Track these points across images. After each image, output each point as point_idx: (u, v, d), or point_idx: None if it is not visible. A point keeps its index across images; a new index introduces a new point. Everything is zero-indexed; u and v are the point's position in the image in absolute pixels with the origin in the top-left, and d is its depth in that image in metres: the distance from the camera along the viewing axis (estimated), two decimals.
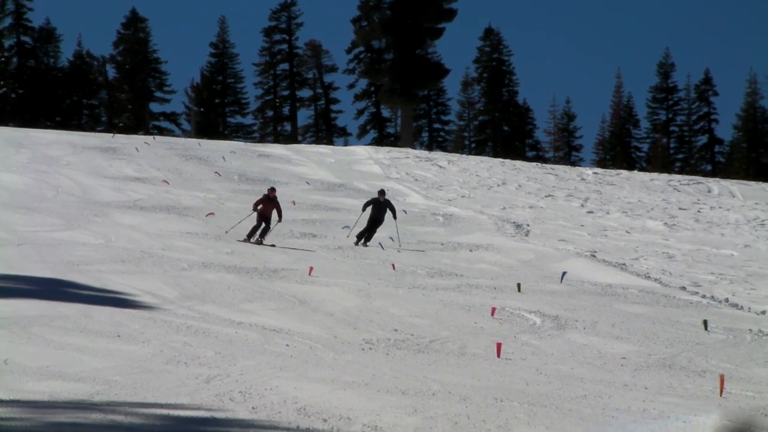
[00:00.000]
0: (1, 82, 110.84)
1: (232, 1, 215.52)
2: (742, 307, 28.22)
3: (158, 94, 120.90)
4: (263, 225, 34.46)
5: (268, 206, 34.84)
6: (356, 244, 35.80)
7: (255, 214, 35.11)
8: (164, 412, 11.15)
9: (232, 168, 57.80)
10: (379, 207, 36.65)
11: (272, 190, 36.20)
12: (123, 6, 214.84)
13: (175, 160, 59.23)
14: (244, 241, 33.76)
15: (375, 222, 36.48)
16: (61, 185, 43.40)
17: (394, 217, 36.84)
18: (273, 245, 33.30)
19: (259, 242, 33.93)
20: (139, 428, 10.35)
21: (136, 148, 61.90)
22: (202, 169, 56.50)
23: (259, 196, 36.28)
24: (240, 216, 38.57)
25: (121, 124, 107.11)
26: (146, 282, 23.89)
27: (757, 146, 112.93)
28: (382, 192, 38.21)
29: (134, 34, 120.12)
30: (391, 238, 36.63)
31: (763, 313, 25.63)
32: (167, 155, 61.05)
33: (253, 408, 11.79)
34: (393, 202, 38.57)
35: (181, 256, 28.55)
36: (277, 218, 34.86)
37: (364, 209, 37.30)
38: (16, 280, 22.29)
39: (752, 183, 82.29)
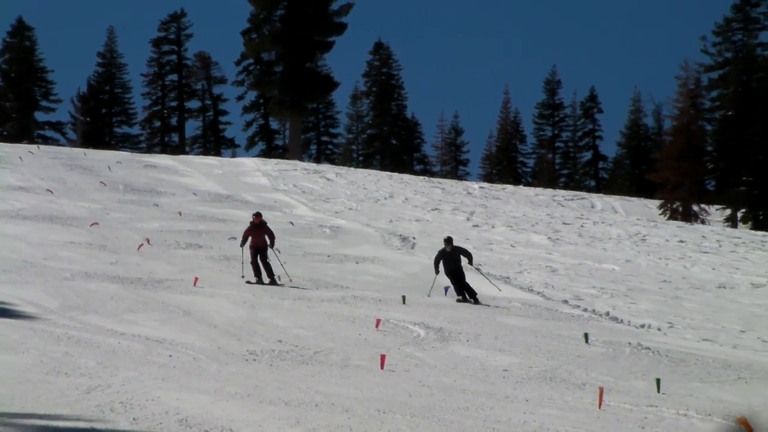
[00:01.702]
0: None
1: (121, 12, 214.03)
2: (622, 321, 28.58)
3: (44, 103, 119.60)
4: (258, 258, 30.01)
5: (257, 236, 30.41)
6: (460, 300, 29.75)
7: (247, 250, 30.45)
8: (43, 423, 11.05)
9: (117, 178, 57.35)
10: (451, 258, 30.67)
11: (257, 215, 31.44)
12: (9, 14, 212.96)
13: (60, 169, 58.63)
14: (255, 282, 29.54)
15: (456, 276, 30.40)
16: None
17: (470, 262, 31.21)
18: (281, 284, 29.58)
19: (272, 283, 29.43)
20: None
21: (20, 157, 61.15)
22: (88, 179, 55.98)
23: (246, 226, 31.59)
24: (127, 228, 38.33)
25: (5, 133, 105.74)
26: (27, 292, 23.56)
27: (639, 163, 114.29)
28: (449, 241, 31.23)
29: (20, 42, 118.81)
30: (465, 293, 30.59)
31: (643, 326, 25.94)
32: (52, 164, 60.41)
33: (134, 419, 11.71)
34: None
35: (64, 266, 28.26)
36: (271, 246, 30.44)
37: (436, 268, 30.57)
38: None
39: (634, 199, 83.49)
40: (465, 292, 30.06)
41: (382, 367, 18.32)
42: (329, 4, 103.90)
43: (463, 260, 30.99)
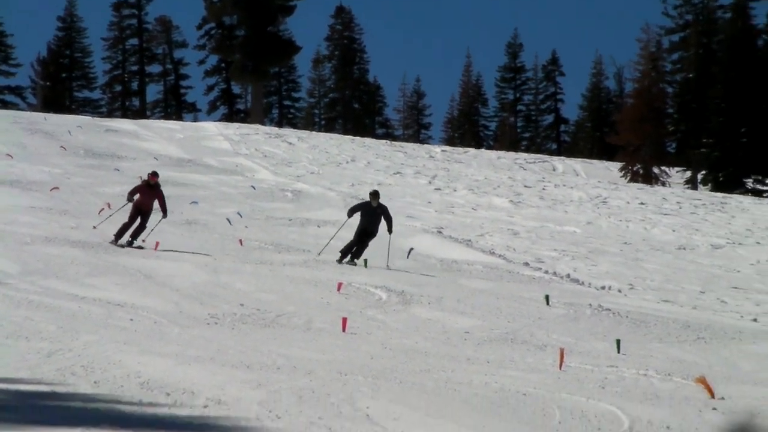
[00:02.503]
0: None
1: None
2: (583, 283, 28.68)
3: (3, 67, 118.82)
4: (139, 221, 28.00)
5: (147, 197, 28.28)
6: (340, 261, 27.71)
7: (130, 206, 28.38)
8: (4, 386, 11.00)
9: (78, 143, 57.15)
10: (372, 215, 28.44)
11: (154, 175, 29.30)
12: None
13: (20, 134, 58.37)
14: (112, 242, 27.35)
15: (365, 234, 28.28)
16: None
17: (389, 229, 28.62)
18: (141, 247, 27.59)
19: (130, 243, 27.60)
20: None
21: None
22: (48, 143, 55.76)
23: (136, 183, 30.14)
24: (88, 192, 38.19)
25: None
26: None
27: (601, 126, 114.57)
28: (375, 194, 29.22)
29: None
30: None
31: (603, 288, 26.05)
32: (11, 129, 60.11)
33: (95, 382, 11.68)
34: (385, 206, 29.40)
35: (25, 231, 28.12)
36: (162, 213, 28.75)
37: (350, 215, 29.11)
38: None
39: (596, 161, 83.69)
40: (355, 255, 28.06)
41: (344, 330, 18.33)
42: None
43: (383, 225, 28.62)
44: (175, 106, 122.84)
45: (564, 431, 10.77)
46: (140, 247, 27.56)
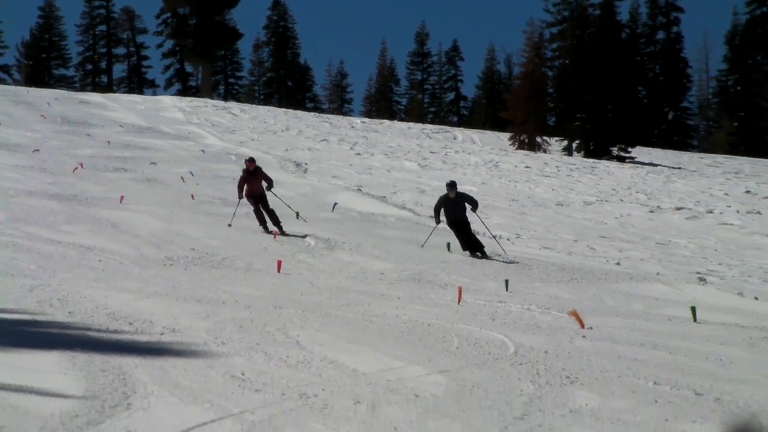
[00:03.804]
0: None
1: None
2: (477, 232, 28.77)
3: None
4: (262, 209, 25.17)
5: (253, 184, 25.30)
6: (471, 256, 23.71)
7: (246, 201, 25.49)
8: None
9: (55, 112, 56.60)
10: (453, 205, 24.23)
11: (250, 161, 25.76)
12: None
13: (6, 104, 57.80)
14: (263, 231, 24.69)
15: (459, 225, 24.13)
16: None
17: (474, 209, 24.57)
18: (287, 234, 24.60)
19: (282, 233, 24.39)
20: None
21: None
22: (30, 112, 55.17)
23: (239, 175, 26.13)
24: (63, 154, 37.86)
25: None
26: None
27: (494, 102, 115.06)
28: (452, 185, 24.56)
29: None
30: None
31: (495, 237, 26.10)
32: None
33: (69, 312, 11.59)
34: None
35: (10, 185, 27.91)
36: (268, 187, 25.45)
37: (437, 216, 24.61)
38: None
39: (489, 132, 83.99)
40: (471, 247, 23.87)
41: (278, 271, 18.31)
42: None
43: (468, 208, 24.47)
44: (137, 83, 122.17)
45: (461, 355, 10.80)
46: (284, 233, 24.47)
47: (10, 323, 10.61)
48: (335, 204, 31.06)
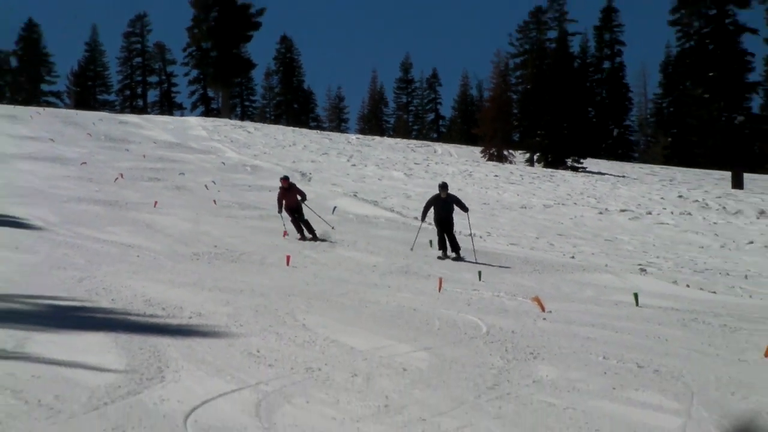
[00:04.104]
0: None
1: (100, 13, 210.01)
2: (456, 231, 28.73)
3: (47, 77, 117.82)
4: (297, 219, 24.22)
5: (290, 198, 24.34)
6: (441, 258, 22.20)
7: (285, 213, 24.54)
8: (49, 302, 10.91)
9: (99, 131, 56.42)
10: (443, 206, 22.76)
11: (284, 179, 24.95)
12: (22, 13, 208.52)
13: (59, 125, 57.69)
14: (300, 239, 23.62)
15: (443, 224, 22.68)
16: None
17: (464, 209, 23.32)
18: (323, 239, 23.84)
19: (314, 239, 23.70)
20: (31, 313, 10.11)
21: (31, 116, 60.40)
22: (78, 131, 55.03)
23: (277, 192, 25.44)
24: (106, 166, 37.83)
25: (20, 99, 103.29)
26: (36, 210, 23.39)
27: (467, 121, 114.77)
28: (443, 186, 23.11)
29: (29, 35, 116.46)
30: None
31: (469, 235, 26.06)
32: (53, 122, 59.50)
33: (112, 300, 11.59)
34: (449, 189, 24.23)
35: (62, 193, 28.02)
36: (303, 200, 24.35)
37: (424, 214, 23.36)
38: None
39: (464, 146, 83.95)
40: (447, 246, 22.58)
41: (287, 264, 18.29)
42: (249, 9, 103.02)
43: (457, 210, 23.16)
44: (168, 106, 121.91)
45: (442, 335, 10.81)
46: (321, 240, 23.65)
47: (62, 309, 10.60)
48: (335, 208, 31.01)
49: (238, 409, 6.83)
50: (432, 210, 22.96)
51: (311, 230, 24.08)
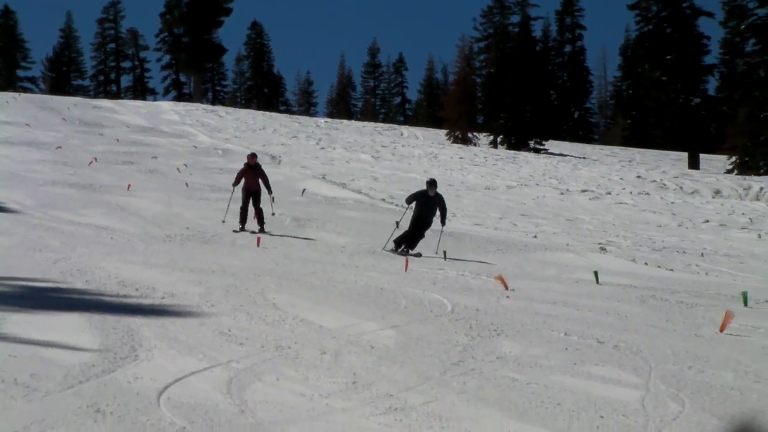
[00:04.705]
0: None
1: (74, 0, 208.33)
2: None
3: (23, 63, 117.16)
4: (252, 205, 21.56)
5: (251, 178, 21.76)
6: (395, 251, 19.57)
7: (239, 193, 21.98)
8: (25, 283, 10.88)
9: (74, 116, 55.94)
10: (428, 204, 20.01)
11: (252, 156, 22.42)
12: None
13: (34, 110, 57.16)
14: (239, 230, 20.76)
15: (420, 224, 20.01)
16: None
17: (442, 221, 20.20)
18: (269, 232, 21.09)
19: (262, 231, 20.87)
20: (7, 294, 10.07)
21: (7, 102, 59.82)
22: (53, 116, 54.58)
23: (230, 173, 23.11)
24: (81, 150, 37.56)
25: None
26: (12, 193, 23.39)
27: (433, 104, 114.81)
28: (432, 183, 20.24)
29: (6, 22, 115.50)
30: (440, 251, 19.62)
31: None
32: (28, 107, 59.00)
33: (86, 281, 11.55)
34: (440, 196, 20.63)
35: (38, 176, 27.90)
36: (268, 192, 21.79)
37: (408, 203, 20.68)
38: None
39: (430, 129, 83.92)
40: (409, 245, 19.84)
41: (258, 245, 18.29)
42: None
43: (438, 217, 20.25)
44: (141, 91, 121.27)
45: (408, 313, 10.85)
46: (265, 231, 20.95)
47: (38, 290, 10.57)
48: (304, 190, 30.98)
49: (210, 387, 6.83)
50: (414, 204, 20.20)
51: (261, 220, 21.41)
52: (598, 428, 6.33)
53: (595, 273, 16.31)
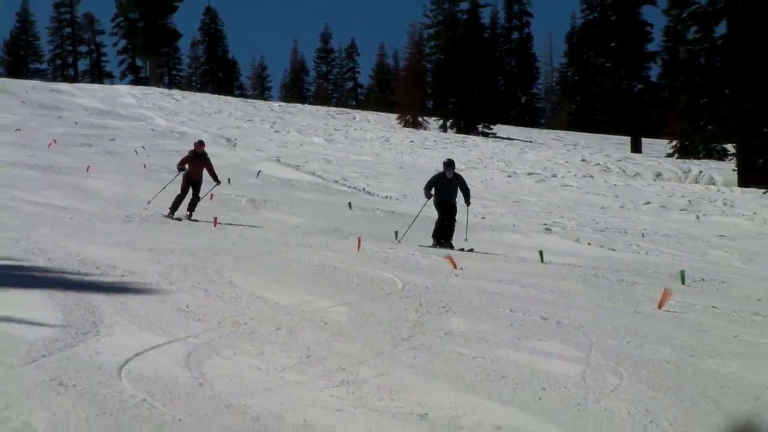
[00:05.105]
0: None
1: None
2: (373, 194, 28.88)
3: None
4: (190, 193, 20.36)
5: (196, 166, 20.53)
6: (434, 245, 18.23)
7: (180, 178, 20.73)
8: None
9: (32, 99, 55.34)
10: (447, 186, 18.77)
11: (200, 143, 21.35)
12: None
13: None
14: (168, 216, 19.62)
15: (446, 208, 18.65)
16: None
17: (466, 201, 19.02)
18: (196, 220, 19.76)
19: (189, 216, 19.81)
20: None
21: None
22: (11, 100, 53.90)
23: (183, 155, 21.99)
24: (40, 133, 37.16)
25: None
26: None
27: (384, 89, 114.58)
28: (449, 164, 19.02)
29: None
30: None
31: (387, 197, 26.24)
32: None
33: (48, 259, 11.48)
34: (461, 175, 20.07)
35: (1, 159, 27.51)
36: (213, 181, 20.94)
37: (427, 193, 18.89)
38: None
39: (381, 113, 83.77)
40: (447, 237, 18.55)
41: (215, 225, 18.29)
42: None
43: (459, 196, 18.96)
44: (98, 74, 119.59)
45: (360, 290, 10.91)
46: (192, 219, 19.76)
47: (0, 268, 10.50)
48: (259, 172, 30.94)
49: (169, 361, 6.87)
50: (434, 189, 18.83)
51: (193, 207, 20.29)
52: (541, 399, 6.45)
53: (540, 252, 16.48)
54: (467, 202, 19.03)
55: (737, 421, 5.89)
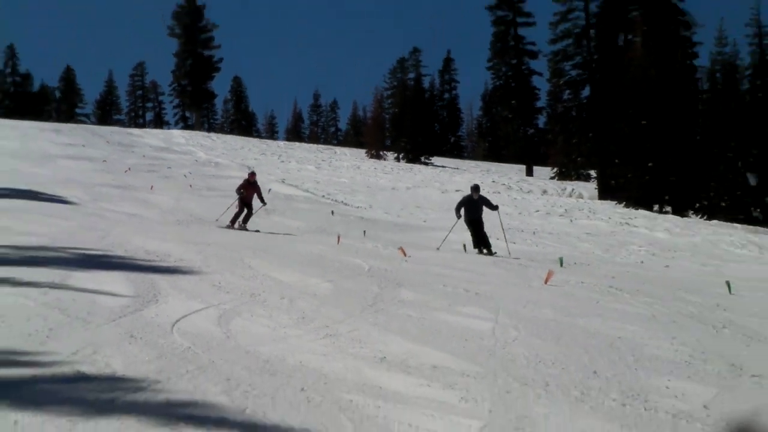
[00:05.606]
0: None
1: (115, 59, 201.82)
2: (349, 204, 28.84)
3: (80, 104, 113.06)
4: (245, 211, 19.11)
5: (249, 191, 19.32)
6: (480, 252, 16.54)
7: (237, 200, 19.47)
8: (82, 251, 10.65)
9: (114, 140, 54.04)
10: (475, 206, 16.92)
11: (252, 174, 19.95)
12: (62, 60, 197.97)
13: (88, 136, 55.42)
14: (228, 227, 18.34)
15: (475, 224, 16.79)
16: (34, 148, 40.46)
17: (494, 209, 17.31)
18: (257, 230, 18.43)
19: (242, 228, 18.64)
20: (71, 259, 9.87)
21: (69, 130, 58.20)
22: (100, 140, 52.95)
23: (240, 182, 20.61)
24: (119, 162, 36.81)
25: (62, 118, 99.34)
26: (72, 191, 22.90)
27: (357, 132, 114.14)
28: (476, 188, 17.23)
29: (68, 76, 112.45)
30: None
31: (358, 207, 26.17)
32: (83, 133, 56.87)
33: (125, 250, 11.36)
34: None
35: (90, 180, 27.36)
36: (260, 203, 19.65)
37: (458, 213, 17.04)
38: (6, 190, 20.69)
39: (355, 149, 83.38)
40: (481, 244, 16.67)
41: (233, 226, 18.16)
42: (212, 58, 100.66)
43: (486, 210, 17.22)
44: (159, 123, 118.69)
45: (339, 271, 10.91)
46: (246, 229, 18.51)
47: (91, 256, 10.39)
48: (270, 189, 30.77)
49: (206, 321, 6.85)
50: (464, 210, 17.05)
51: (246, 220, 19.06)
52: (464, 347, 6.51)
53: (464, 246, 16.56)
54: (495, 209, 17.32)
55: (737, 421, 4.87)
